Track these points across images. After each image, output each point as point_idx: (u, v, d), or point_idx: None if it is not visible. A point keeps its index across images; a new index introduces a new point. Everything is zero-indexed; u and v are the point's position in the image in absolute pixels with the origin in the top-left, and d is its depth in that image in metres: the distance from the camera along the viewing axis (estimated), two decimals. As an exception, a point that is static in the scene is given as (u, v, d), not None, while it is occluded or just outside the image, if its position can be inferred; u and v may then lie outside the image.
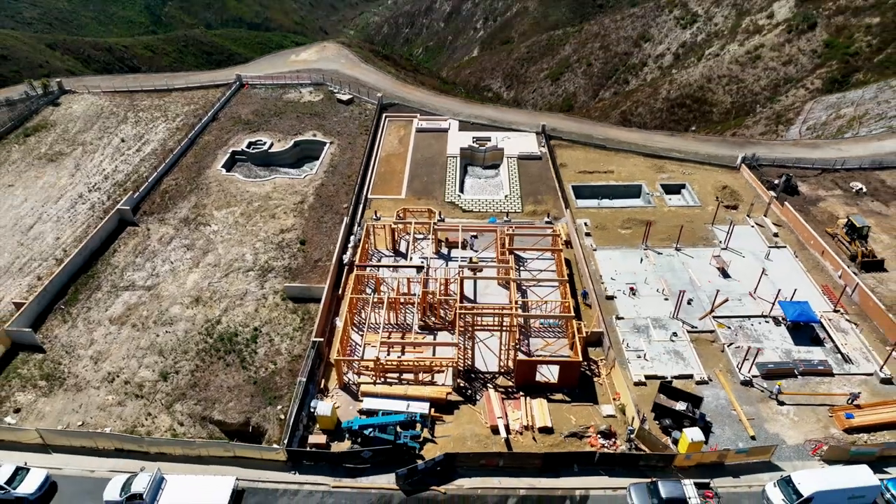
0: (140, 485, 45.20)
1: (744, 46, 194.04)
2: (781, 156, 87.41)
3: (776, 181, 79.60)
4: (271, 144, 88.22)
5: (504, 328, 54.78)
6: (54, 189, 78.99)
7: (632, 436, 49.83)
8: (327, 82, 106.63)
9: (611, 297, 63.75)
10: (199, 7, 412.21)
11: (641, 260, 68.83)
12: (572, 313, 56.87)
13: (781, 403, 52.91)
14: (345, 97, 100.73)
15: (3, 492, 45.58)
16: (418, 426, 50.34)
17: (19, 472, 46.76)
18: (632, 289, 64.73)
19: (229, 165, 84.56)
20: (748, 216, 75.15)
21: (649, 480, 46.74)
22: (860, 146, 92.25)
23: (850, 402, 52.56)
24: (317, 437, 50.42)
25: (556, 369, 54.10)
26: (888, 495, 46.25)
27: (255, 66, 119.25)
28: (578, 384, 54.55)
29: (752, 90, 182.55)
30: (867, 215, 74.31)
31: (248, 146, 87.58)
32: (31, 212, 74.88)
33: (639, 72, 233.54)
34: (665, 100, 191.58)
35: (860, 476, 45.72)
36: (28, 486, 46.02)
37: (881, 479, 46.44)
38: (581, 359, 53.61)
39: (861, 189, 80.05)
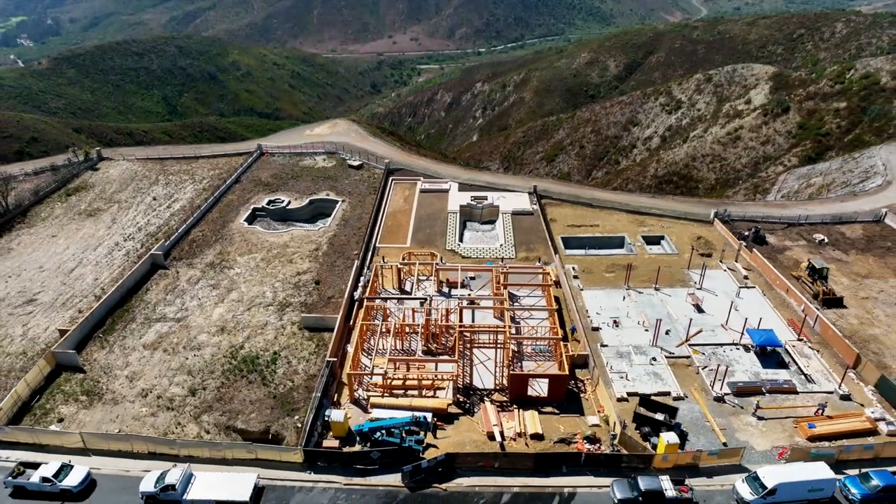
0: (173, 477, 50.74)
1: (725, 128, 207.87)
2: (752, 213, 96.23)
3: (746, 233, 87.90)
4: (289, 202, 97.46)
5: (499, 346, 61.29)
6: (93, 239, 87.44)
7: (615, 441, 55.44)
8: (339, 151, 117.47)
9: (596, 329, 70.47)
10: (212, 98, 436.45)
11: (624, 298, 75.98)
12: (560, 336, 63.56)
13: (760, 418, 58.57)
14: (355, 163, 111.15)
15: (50, 484, 51.07)
16: (421, 432, 55.95)
17: (64, 468, 52.34)
18: (615, 321, 71.57)
19: (251, 220, 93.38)
20: (721, 261, 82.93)
21: (630, 476, 52.11)
22: (824, 206, 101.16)
23: (818, 412, 58.41)
24: (330, 442, 56.09)
25: (545, 384, 60.24)
26: (846, 492, 51.40)
27: (273, 138, 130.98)
28: (566, 399, 60.49)
29: (735, 167, 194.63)
30: (829, 261, 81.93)
31: (268, 203, 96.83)
32: (73, 257, 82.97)
33: (629, 153, 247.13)
34: (653, 177, 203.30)
35: (818, 471, 51.25)
36: (72, 480, 51.52)
37: (840, 478, 51.87)
38: (568, 374, 59.87)
39: (823, 240, 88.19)
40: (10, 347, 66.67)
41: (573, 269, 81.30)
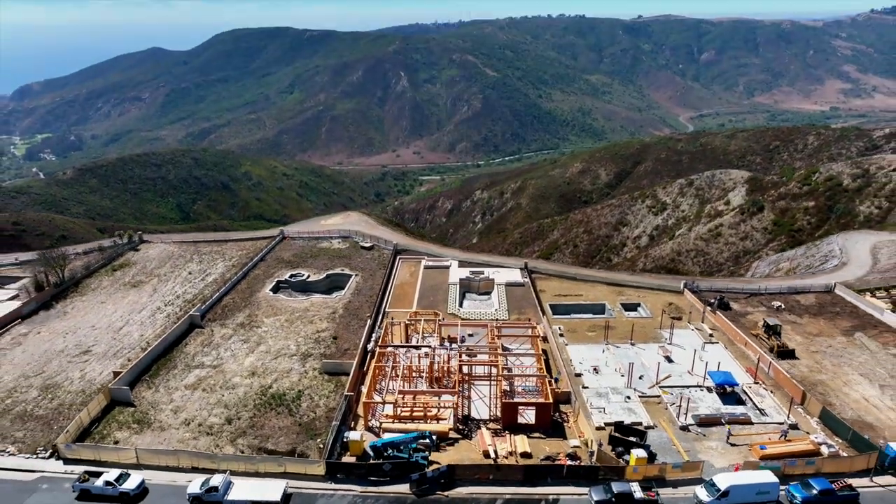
0: (216, 481, 60.12)
1: (706, 226, 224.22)
2: (718, 285, 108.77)
3: (712, 300, 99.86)
4: (308, 276, 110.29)
5: (493, 380, 71.82)
6: (137, 304, 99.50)
7: (593, 457, 64.88)
8: (352, 236, 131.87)
9: (578, 375, 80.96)
10: (224, 205, 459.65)
11: (603, 351, 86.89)
12: (545, 373, 74.18)
13: (733, 444, 67.90)
14: (367, 245, 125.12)
15: (112, 487, 60.26)
16: (426, 450, 65.40)
17: (123, 476, 61.61)
18: (595, 369, 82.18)
19: (275, 290, 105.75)
20: (689, 322, 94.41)
21: (605, 483, 61.33)
22: (785, 282, 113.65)
23: (782, 437, 68.05)
24: (347, 460, 65.43)
25: (533, 413, 70.21)
26: (790, 497, 60.48)
27: (293, 226, 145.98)
28: (551, 427, 70.27)
29: (717, 261, 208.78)
30: (785, 323, 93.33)
31: (290, 277, 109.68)
32: (121, 318, 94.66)
33: (620, 251, 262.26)
34: (642, 270, 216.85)
35: (764, 476, 60.73)
36: (130, 484, 60.79)
37: (787, 486, 61.12)
38: (551, 402, 70.03)
39: (780, 306, 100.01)
40: (71, 387, 77.06)
41: (559, 328, 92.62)
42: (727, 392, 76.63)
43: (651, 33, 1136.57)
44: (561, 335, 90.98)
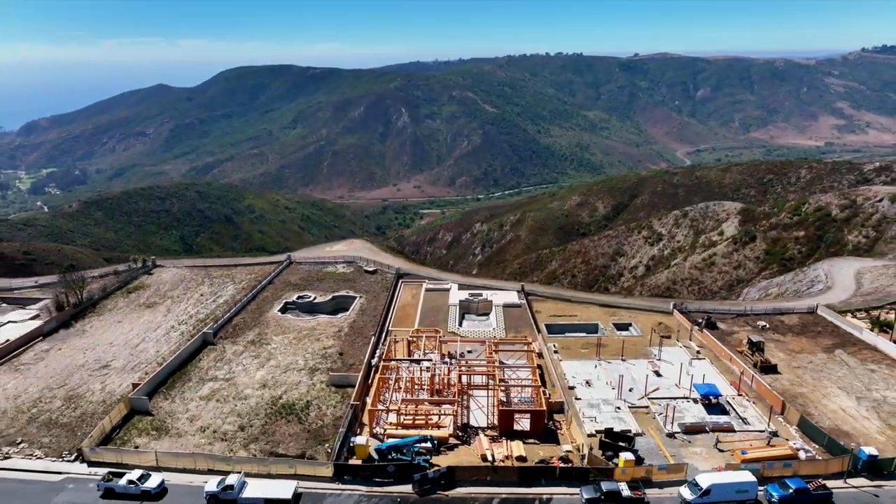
0: (231, 480, 64.52)
1: (701, 256, 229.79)
2: (706, 307, 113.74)
3: (700, 320, 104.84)
4: (315, 298, 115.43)
5: (490, 389, 76.48)
6: (152, 323, 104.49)
7: (584, 460, 69.25)
8: (356, 261, 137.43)
9: (572, 388, 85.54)
10: (227, 238, 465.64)
11: (596, 366, 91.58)
12: (539, 384, 78.84)
13: (721, 450, 72.21)
14: (370, 269, 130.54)
15: (134, 486, 64.65)
16: (428, 454, 69.77)
17: (144, 475, 66.00)
18: (587, 382, 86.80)
19: (283, 310, 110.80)
20: (677, 340, 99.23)
21: (595, 483, 65.66)
22: (770, 304, 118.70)
23: (769, 442, 72.55)
24: (354, 462, 69.76)
25: (528, 421, 74.70)
26: (768, 495, 64.79)
27: (299, 253, 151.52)
28: (545, 433, 74.70)
29: (711, 289, 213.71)
30: (769, 341, 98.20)
31: (297, 298, 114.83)
32: (137, 336, 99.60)
33: (617, 281, 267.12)
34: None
35: (743, 476, 65.20)
36: (151, 483, 65.27)
37: (766, 486, 65.45)
38: (545, 409, 74.60)
39: (765, 326, 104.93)
40: (93, 398, 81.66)
41: (554, 346, 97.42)
42: (712, 403, 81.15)
43: (647, 71, 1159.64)
44: (555, 352, 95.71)
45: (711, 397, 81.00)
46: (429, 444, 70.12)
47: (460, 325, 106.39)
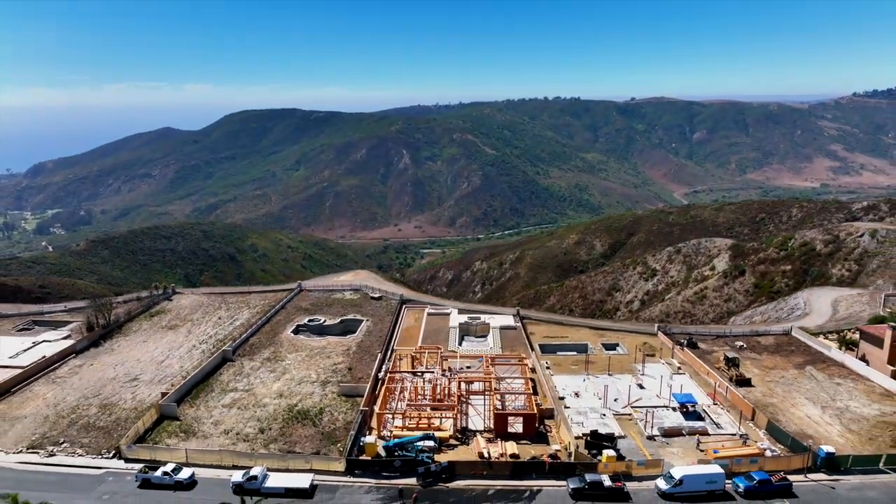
0: (255, 472, 72.40)
1: (693, 289, 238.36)
2: (689, 330, 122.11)
3: (682, 340, 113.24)
4: (324, 321, 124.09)
5: (486, 395, 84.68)
6: (175, 343, 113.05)
7: (571, 457, 77.07)
8: (363, 288, 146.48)
9: (562, 398, 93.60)
10: (230, 276, 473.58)
11: (584, 380, 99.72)
12: (531, 391, 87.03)
13: (702, 451, 79.94)
14: (376, 295, 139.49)
15: (168, 477, 72.49)
16: (430, 451, 77.63)
17: (177, 468, 73.90)
18: (576, 393, 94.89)
19: (295, 332, 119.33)
20: (660, 358, 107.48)
21: (581, 475, 73.46)
22: (749, 327, 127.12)
23: (744, 443, 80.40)
24: (364, 458, 77.60)
25: (521, 424, 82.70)
26: (735, 486, 72.52)
27: (308, 282, 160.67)
28: (536, 435, 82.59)
29: (703, 321, 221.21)
30: (745, 359, 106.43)
31: (308, 321, 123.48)
32: (161, 353, 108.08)
33: (613, 315, 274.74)
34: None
35: (712, 469, 73.07)
36: (183, 475, 73.16)
37: (732, 479, 73.22)
38: (536, 413, 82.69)
39: (742, 345, 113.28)
40: (125, 405, 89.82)
41: (546, 363, 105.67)
42: (689, 410, 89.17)
43: (644, 114, 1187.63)
44: (548, 368, 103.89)
45: (688, 405, 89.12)
46: (432, 442, 78.06)
47: (460, 345, 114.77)
